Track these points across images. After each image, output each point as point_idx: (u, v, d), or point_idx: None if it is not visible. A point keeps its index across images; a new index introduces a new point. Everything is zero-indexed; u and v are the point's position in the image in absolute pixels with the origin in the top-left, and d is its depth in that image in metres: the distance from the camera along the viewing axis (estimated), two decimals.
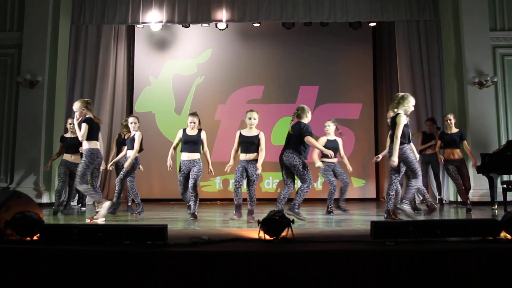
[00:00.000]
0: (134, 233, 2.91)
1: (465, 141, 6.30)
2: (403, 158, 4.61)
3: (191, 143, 5.46)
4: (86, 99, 5.33)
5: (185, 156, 5.46)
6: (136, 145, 5.96)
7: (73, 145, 6.35)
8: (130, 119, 6.23)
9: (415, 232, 2.91)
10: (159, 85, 9.85)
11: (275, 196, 8.52)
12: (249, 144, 5.14)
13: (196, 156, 5.47)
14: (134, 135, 6.08)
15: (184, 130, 5.57)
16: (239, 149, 5.25)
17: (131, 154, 5.95)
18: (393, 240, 2.88)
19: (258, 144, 5.15)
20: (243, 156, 5.16)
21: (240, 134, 5.27)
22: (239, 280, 2.60)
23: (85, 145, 5.06)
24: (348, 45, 9.83)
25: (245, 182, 5.18)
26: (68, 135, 6.52)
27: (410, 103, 4.74)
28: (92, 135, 5.05)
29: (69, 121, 6.52)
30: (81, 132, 5.01)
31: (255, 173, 5.07)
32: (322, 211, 6.30)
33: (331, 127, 6.17)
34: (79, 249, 2.74)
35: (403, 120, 4.62)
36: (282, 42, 9.84)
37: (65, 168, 6.26)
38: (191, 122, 5.50)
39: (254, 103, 9.72)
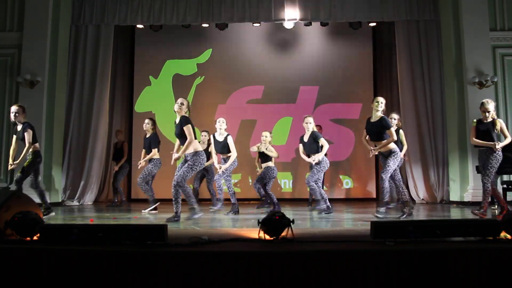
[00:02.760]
0: (134, 233, 2.91)
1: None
2: None
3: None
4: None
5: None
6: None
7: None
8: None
9: (415, 232, 2.91)
10: (159, 85, 9.86)
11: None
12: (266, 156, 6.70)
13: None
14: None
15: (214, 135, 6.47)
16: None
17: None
18: (393, 240, 2.88)
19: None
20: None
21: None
22: (239, 280, 2.60)
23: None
24: (348, 45, 9.83)
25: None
26: None
27: None
28: None
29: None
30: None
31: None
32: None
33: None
34: (79, 249, 2.73)
35: None
36: (282, 42, 9.84)
37: None
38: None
39: (254, 103, 9.74)
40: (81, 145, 8.30)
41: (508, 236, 3.01)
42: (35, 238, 3.02)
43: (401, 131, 6.49)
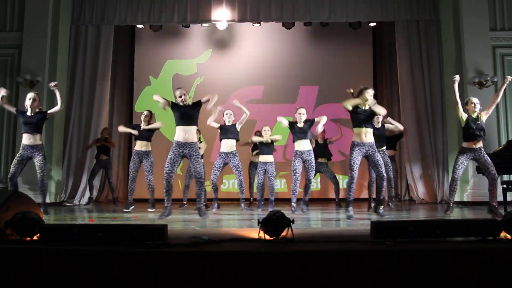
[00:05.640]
0: (134, 233, 2.90)
1: None
2: None
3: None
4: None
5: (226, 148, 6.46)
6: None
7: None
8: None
9: (415, 232, 2.91)
10: (159, 85, 9.85)
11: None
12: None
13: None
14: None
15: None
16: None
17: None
18: (393, 240, 2.88)
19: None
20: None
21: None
22: (239, 280, 2.60)
23: None
24: (348, 45, 9.83)
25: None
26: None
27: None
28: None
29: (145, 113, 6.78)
30: None
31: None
32: (320, 210, 6.29)
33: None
34: (79, 249, 2.73)
35: None
36: (282, 42, 9.84)
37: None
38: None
39: (254, 103, 9.73)
40: (81, 145, 8.30)
41: (508, 236, 3.00)
42: (35, 238, 3.01)
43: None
